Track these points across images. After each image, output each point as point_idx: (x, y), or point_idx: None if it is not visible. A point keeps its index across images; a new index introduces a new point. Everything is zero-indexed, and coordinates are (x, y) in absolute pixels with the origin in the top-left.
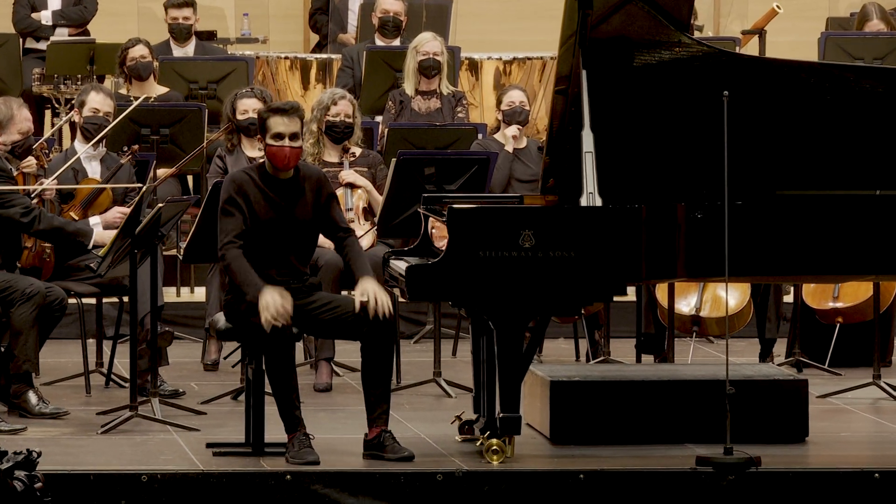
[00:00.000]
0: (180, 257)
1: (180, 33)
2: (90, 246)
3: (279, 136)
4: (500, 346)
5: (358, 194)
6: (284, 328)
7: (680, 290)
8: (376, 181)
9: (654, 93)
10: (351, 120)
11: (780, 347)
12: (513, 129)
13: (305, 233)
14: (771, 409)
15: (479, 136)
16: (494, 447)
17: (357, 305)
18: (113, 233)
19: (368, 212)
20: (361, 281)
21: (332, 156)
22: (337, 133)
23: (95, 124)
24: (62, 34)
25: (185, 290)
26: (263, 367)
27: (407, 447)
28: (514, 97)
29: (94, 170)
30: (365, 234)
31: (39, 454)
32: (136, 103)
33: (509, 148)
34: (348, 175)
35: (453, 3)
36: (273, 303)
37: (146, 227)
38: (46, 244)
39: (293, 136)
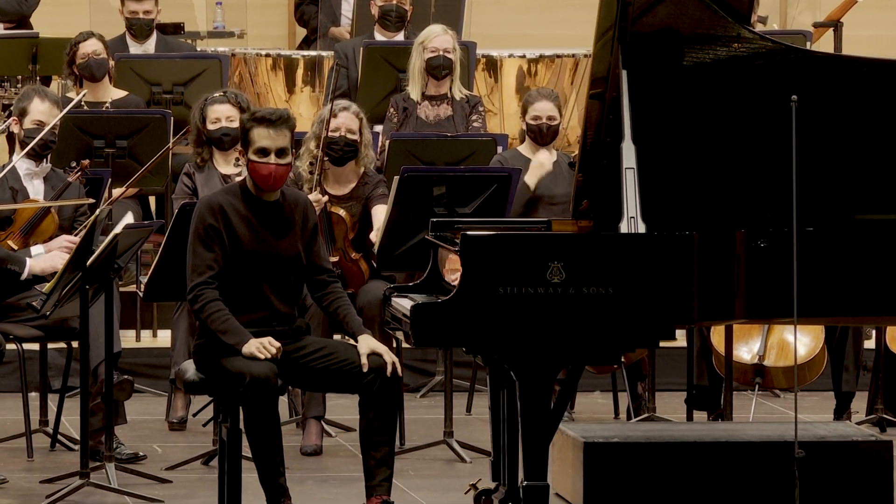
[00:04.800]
0: (141, 294)
1: (140, 30)
2: (24, 276)
3: (264, 152)
4: (523, 400)
5: (342, 224)
6: (268, 379)
7: (739, 334)
8: (371, 204)
9: (708, 97)
10: (355, 136)
11: (859, 402)
12: (542, 161)
13: (293, 267)
14: (848, 475)
15: (499, 148)
16: None
17: (364, 363)
18: (52, 257)
19: (358, 243)
20: (363, 339)
21: (331, 182)
22: (335, 152)
23: (40, 139)
24: None
25: (146, 334)
26: (241, 426)
27: None
28: (541, 109)
29: (36, 189)
30: None
31: None
32: (75, 100)
33: (531, 182)
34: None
35: None
36: (261, 351)
37: (100, 259)
38: None
39: (281, 152)
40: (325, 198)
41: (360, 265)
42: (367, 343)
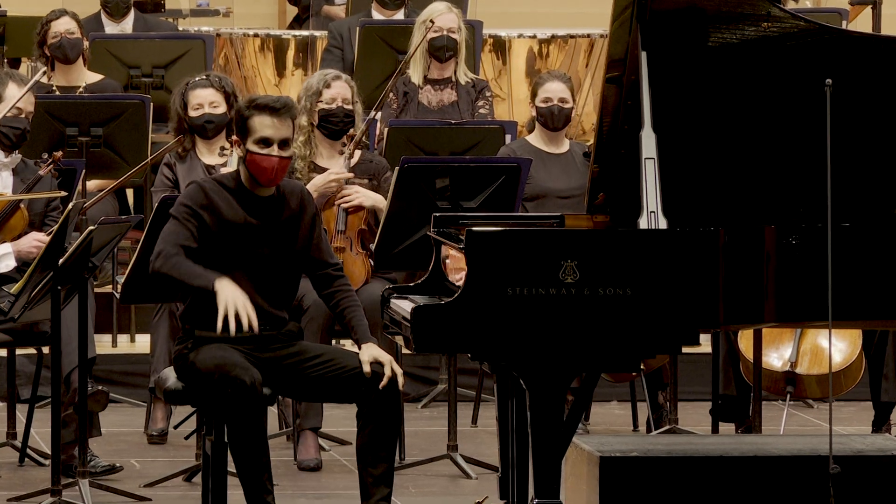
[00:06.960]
0: (117, 296)
1: (117, 7)
2: (5, 267)
3: (266, 142)
4: (534, 411)
5: (360, 210)
6: (253, 386)
7: (770, 339)
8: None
9: (735, 81)
10: (350, 107)
11: None
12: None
13: (288, 266)
14: (888, 492)
15: (508, 137)
16: None
17: (367, 371)
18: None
19: (368, 233)
20: (366, 347)
21: (326, 158)
22: (333, 125)
23: (17, 128)
24: None
25: (123, 339)
26: (226, 439)
27: None
28: (552, 90)
29: (4, 182)
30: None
31: None
32: (36, 77)
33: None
34: (357, 195)
35: None
36: (235, 300)
37: (73, 257)
38: None
39: (283, 143)
40: (351, 175)
41: (364, 260)
42: (369, 351)
